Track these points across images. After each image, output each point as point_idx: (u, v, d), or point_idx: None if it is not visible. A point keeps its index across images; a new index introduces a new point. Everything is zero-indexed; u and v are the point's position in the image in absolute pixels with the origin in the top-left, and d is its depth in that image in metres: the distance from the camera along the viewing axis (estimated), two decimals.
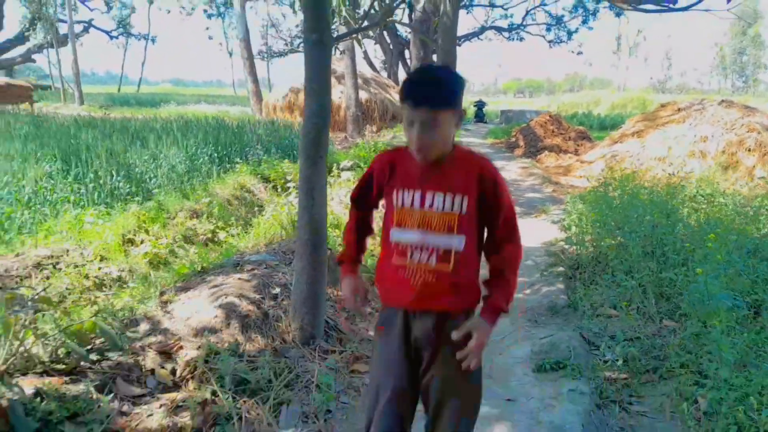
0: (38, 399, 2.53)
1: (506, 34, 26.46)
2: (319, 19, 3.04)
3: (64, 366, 2.87)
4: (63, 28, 35.35)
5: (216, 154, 9.01)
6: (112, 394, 2.66)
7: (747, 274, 3.91)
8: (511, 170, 12.42)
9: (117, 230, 5.14)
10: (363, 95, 18.78)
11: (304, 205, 3.25)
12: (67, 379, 2.80)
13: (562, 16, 23.58)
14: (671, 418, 2.97)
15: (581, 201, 6.91)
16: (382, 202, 1.96)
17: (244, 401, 2.86)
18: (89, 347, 3.03)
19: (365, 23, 5.81)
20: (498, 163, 13.38)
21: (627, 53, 67.40)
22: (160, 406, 2.79)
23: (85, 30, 36.37)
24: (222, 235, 5.48)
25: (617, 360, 3.57)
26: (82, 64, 33.52)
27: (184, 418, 2.70)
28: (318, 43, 3.03)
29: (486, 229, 1.83)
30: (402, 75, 27.98)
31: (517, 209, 8.22)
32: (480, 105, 31.24)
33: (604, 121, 25.01)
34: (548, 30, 24.41)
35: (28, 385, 2.58)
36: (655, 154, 11.48)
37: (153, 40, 45.50)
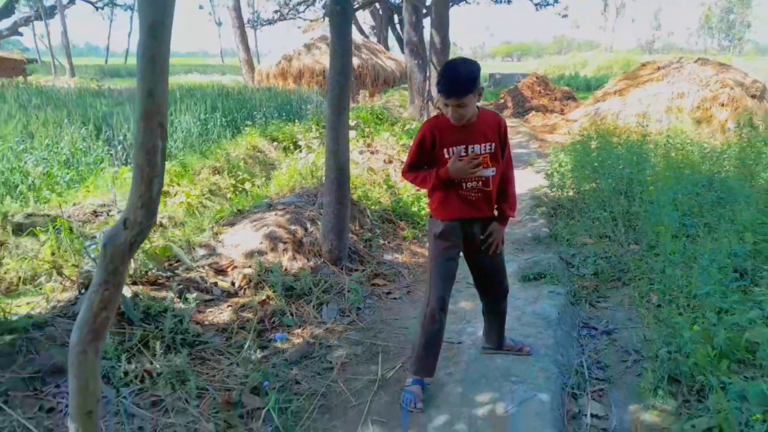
0: (137, 298, 3.27)
1: None
2: None
3: (146, 279, 3.61)
4: (48, 0, 35.09)
5: (224, 119, 9.63)
6: (193, 295, 3.39)
7: (696, 201, 4.68)
8: None
9: None
10: (355, 61, 19.23)
11: (331, 149, 3.96)
12: (151, 288, 3.54)
13: None
14: (629, 308, 3.77)
15: (563, 152, 7.63)
16: None
17: (293, 302, 3.63)
18: (164, 266, 3.77)
19: None
20: None
21: (614, 14, 67.27)
22: (228, 307, 3.55)
23: (71, 1, 36.05)
24: (248, 185, 6.16)
25: (589, 273, 4.36)
26: (72, 36, 33.32)
27: (248, 314, 3.46)
28: (341, 13, 3.69)
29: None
30: (392, 40, 28.26)
31: None
32: None
33: (590, 83, 25.57)
34: None
35: (128, 289, 3.32)
36: (635, 111, 12.19)
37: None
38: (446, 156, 2.60)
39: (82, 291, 3.29)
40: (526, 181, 7.72)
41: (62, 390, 2.57)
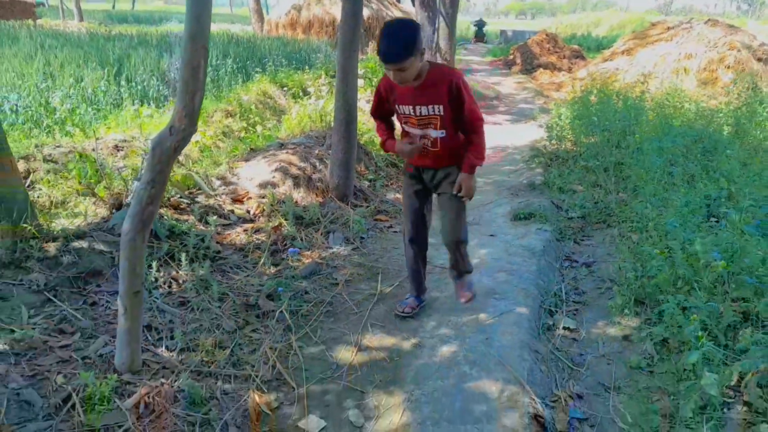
0: (162, 219, 3.62)
1: None
2: None
3: (170, 204, 3.96)
4: None
5: (235, 66, 9.83)
6: (213, 218, 3.74)
7: (682, 151, 4.95)
8: (507, 85, 13.24)
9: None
10: (365, 12, 19.11)
11: (340, 89, 4.24)
12: (174, 212, 3.90)
13: None
14: (609, 245, 4.11)
15: (564, 107, 7.86)
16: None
17: (303, 229, 3.99)
18: (185, 193, 4.12)
19: None
20: (495, 79, 14.23)
21: None
22: (244, 231, 3.91)
23: None
24: (259, 128, 6.46)
25: (576, 215, 4.69)
26: None
27: (262, 237, 3.82)
28: None
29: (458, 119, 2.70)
30: None
31: (509, 117, 9.30)
32: (480, 24, 31.42)
33: (602, 42, 25.32)
34: None
35: None
36: (642, 71, 12.28)
37: None
38: (399, 111, 2.71)
39: (114, 210, 3.64)
40: (527, 134, 7.99)
41: (102, 289, 2.96)
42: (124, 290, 2.18)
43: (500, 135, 8.25)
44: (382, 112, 2.85)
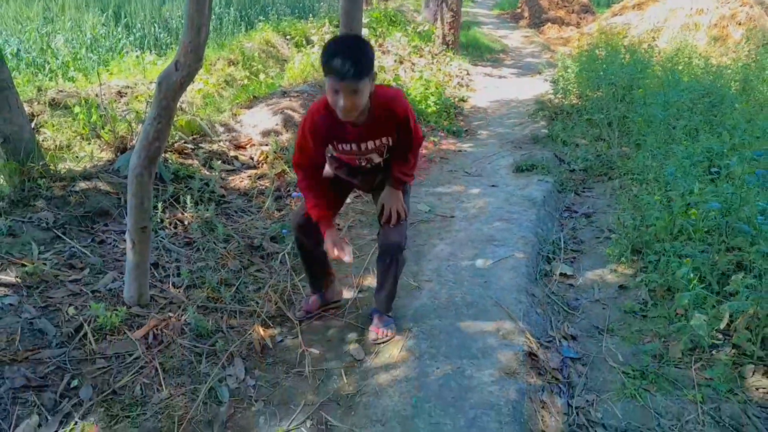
0: (167, 163, 3.65)
1: None
2: None
3: (174, 148, 3.98)
4: None
5: (237, 14, 9.66)
6: (217, 163, 3.77)
7: (687, 105, 4.92)
8: (513, 39, 13.02)
9: None
10: None
11: (344, 33, 4.19)
12: (179, 156, 3.92)
13: None
14: (610, 197, 4.14)
15: (570, 60, 7.75)
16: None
17: None
18: (189, 138, 4.13)
19: None
20: (501, 32, 13.98)
21: None
22: (247, 176, 3.94)
23: None
24: (261, 77, 6.41)
25: (578, 168, 4.70)
26: None
27: (266, 183, 3.85)
28: None
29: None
30: None
31: (515, 71, 9.20)
32: None
33: None
34: None
35: None
36: (652, 26, 12.04)
37: None
38: (335, 149, 2.21)
39: (118, 153, 3.67)
40: (531, 89, 7.91)
41: (109, 228, 3.02)
42: (132, 225, 2.23)
43: (506, 88, 8.18)
44: (313, 160, 2.22)
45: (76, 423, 1.88)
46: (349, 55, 1.86)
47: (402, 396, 2.10)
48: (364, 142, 2.16)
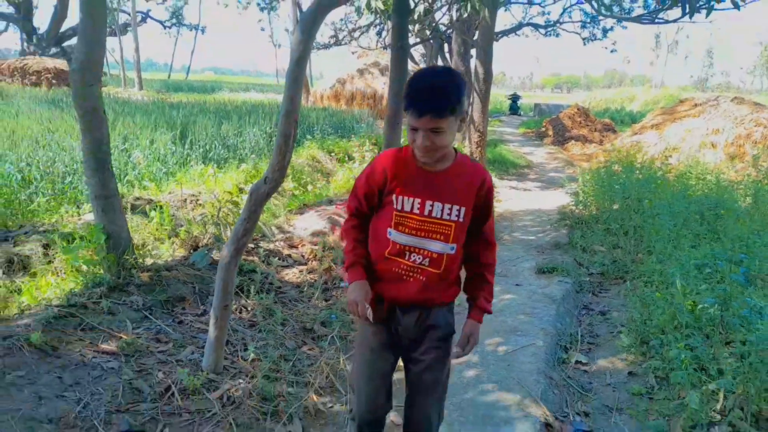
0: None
1: (542, 31, 27.61)
2: (402, 32, 4.70)
3: None
4: (121, 18, 37.87)
5: None
6: (275, 259, 4.37)
7: (695, 217, 5.41)
8: (538, 155, 13.90)
9: (232, 180, 6.91)
10: None
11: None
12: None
13: (596, 15, 24.60)
14: (624, 297, 4.54)
15: (590, 175, 8.41)
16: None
17: None
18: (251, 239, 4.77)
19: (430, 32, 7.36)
20: (526, 149, 14.95)
21: (665, 50, 67.02)
22: (299, 271, 4.51)
23: (143, 20, 38.79)
24: (309, 187, 7.20)
25: (596, 271, 5.15)
26: (127, 52, 35.93)
27: (315, 277, 4.41)
28: (400, 48, 4.69)
29: (471, 233, 1.88)
30: None
31: (539, 184, 9.96)
32: (515, 98, 32.74)
33: (635, 117, 26.11)
34: (583, 27, 25.47)
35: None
36: (670, 144, 12.81)
37: (203, 30, 47.91)
38: (395, 206, 1.81)
39: (191, 251, 4.31)
40: (554, 200, 8.53)
41: (187, 311, 3.57)
42: (216, 304, 2.78)
43: (530, 200, 8.82)
44: (368, 204, 1.89)
45: None
46: (431, 88, 1.65)
47: None
48: (432, 201, 1.79)
